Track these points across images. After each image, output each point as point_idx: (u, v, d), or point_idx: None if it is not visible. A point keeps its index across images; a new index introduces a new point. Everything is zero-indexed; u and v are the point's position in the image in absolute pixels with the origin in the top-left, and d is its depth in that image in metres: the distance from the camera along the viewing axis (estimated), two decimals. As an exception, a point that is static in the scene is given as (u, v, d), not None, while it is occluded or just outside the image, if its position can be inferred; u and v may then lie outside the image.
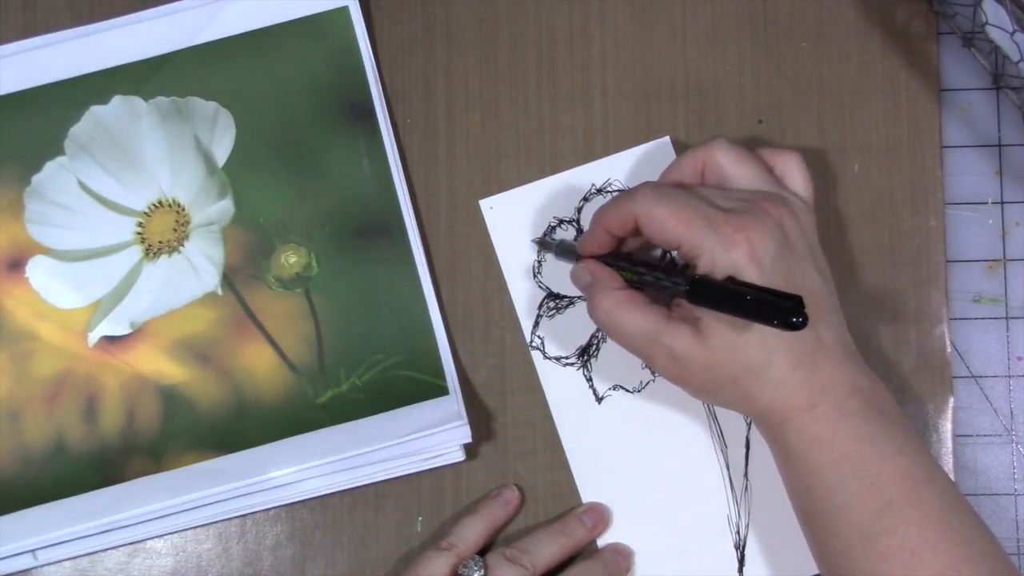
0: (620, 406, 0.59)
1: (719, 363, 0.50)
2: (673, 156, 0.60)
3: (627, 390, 0.60)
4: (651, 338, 0.51)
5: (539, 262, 0.60)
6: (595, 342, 0.60)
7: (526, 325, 0.60)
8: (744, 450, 0.59)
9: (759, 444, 0.59)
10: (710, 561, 0.58)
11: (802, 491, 0.51)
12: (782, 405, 0.51)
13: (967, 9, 0.59)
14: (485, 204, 0.60)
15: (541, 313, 0.60)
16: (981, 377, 0.60)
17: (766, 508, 0.59)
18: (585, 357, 0.60)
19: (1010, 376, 0.60)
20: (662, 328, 0.51)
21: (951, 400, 0.59)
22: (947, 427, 0.59)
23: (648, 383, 0.60)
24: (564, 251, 0.58)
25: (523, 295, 0.60)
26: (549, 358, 0.60)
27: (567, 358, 0.60)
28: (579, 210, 0.60)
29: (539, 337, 0.60)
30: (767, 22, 0.61)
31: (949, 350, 0.60)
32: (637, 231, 0.53)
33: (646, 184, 0.53)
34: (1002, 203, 0.61)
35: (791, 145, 0.60)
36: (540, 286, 0.60)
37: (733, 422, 0.59)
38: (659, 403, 0.59)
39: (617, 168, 0.60)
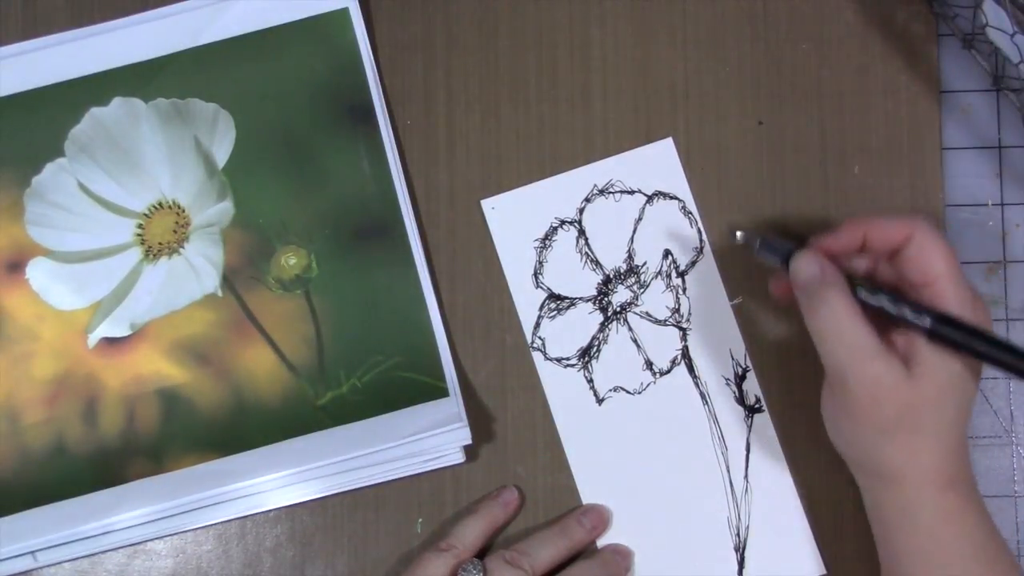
0: (621, 407, 0.59)
1: (918, 408, 0.50)
2: (675, 157, 0.60)
3: (627, 392, 0.60)
4: (865, 357, 0.50)
5: (540, 263, 0.60)
6: (596, 343, 0.60)
7: (527, 326, 0.60)
8: (744, 452, 0.59)
9: (759, 447, 0.59)
10: (710, 563, 0.58)
11: (915, 560, 0.51)
12: (935, 473, 0.50)
13: (967, 11, 0.59)
14: (487, 204, 0.60)
15: (542, 314, 0.60)
16: (981, 379, 0.60)
17: (766, 511, 0.59)
18: (586, 358, 0.60)
19: (1010, 378, 0.60)
20: (880, 353, 0.50)
21: (951, 402, 0.59)
22: (947, 429, 0.59)
23: (649, 385, 0.60)
24: (770, 247, 0.55)
25: (524, 296, 0.60)
26: (550, 359, 0.60)
27: (568, 359, 0.60)
28: (581, 211, 0.60)
29: (540, 338, 0.60)
30: (767, 23, 0.61)
31: (949, 352, 0.60)
32: (878, 253, 0.53)
33: (924, 215, 0.52)
34: (1002, 205, 0.61)
35: (790, 146, 0.60)
36: (541, 287, 0.60)
37: (733, 425, 0.59)
38: (659, 405, 0.59)
39: (619, 169, 0.60)
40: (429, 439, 0.58)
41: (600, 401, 0.60)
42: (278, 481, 0.58)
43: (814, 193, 0.60)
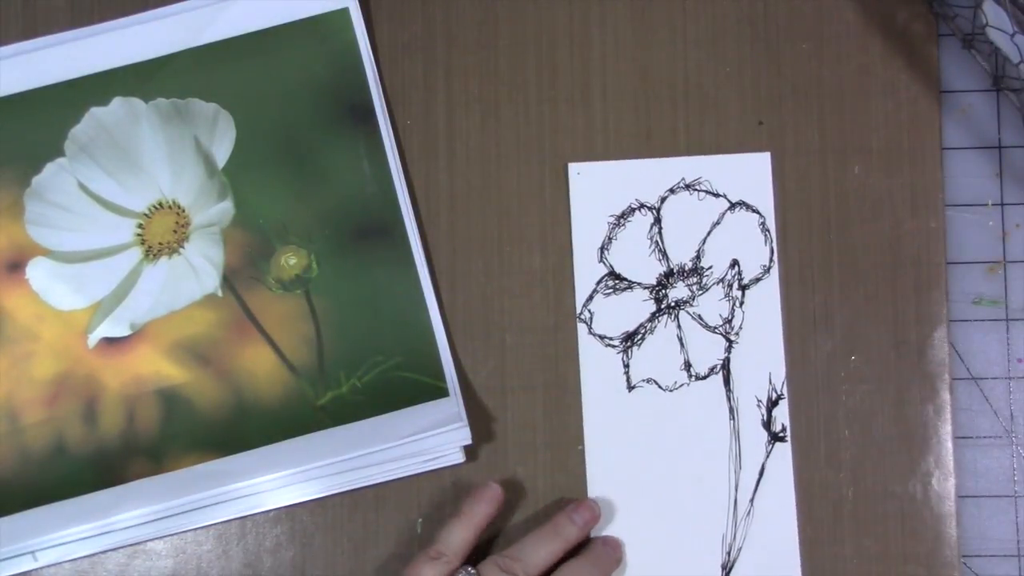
0: (649, 400, 0.59)
1: None
2: (768, 172, 0.60)
3: (660, 386, 0.60)
4: None
5: (610, 239, 0.60)
6: (642, 331, 0.60)
7: (580, 296, 0.60)
8: (757, 476, 0.59)
9: (773, 475, 0.59)
10: (695, 574, 0.58)
11: None
12: None
13: (967, 11, 0.59)
14: (573, 168, 0.60)
15: (598, 288, 0.60)
16: (981, 379, 0.60)
17: (762, 537, 0.59)
18: (628, 343, 0.60)
19: (1010, 378, 0.60)
20: None
21: (951, 402, 0.59)
22: (947, 429, 0.59)
23: (682, 385, 0.59)
24: None
25: (585, 267, 0.60)
26: (593, 334, 0.60)
27: (611, 339, 0.60)
28: (663, 199, 0.60)
29: (589, 311, 0.60)
30: (767, 23, 0.61)
31: (949, 352, 0.60)
32: None
33: None
34: (1002, 205, 0.61)
35: (790, 146, 0.60)
36: (604, 262, 0.60)
37: (754, 446, 0.59)
38: (687, 408, 0.59)
39: (710, 169, 0.60)
40: (429, 439, 0.58)
41: (631, 388, 0.60)
42: (278, 481, 0.58)
43: (814, 193, 0.60)
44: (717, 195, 0.60)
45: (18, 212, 0.59)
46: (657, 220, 0.60)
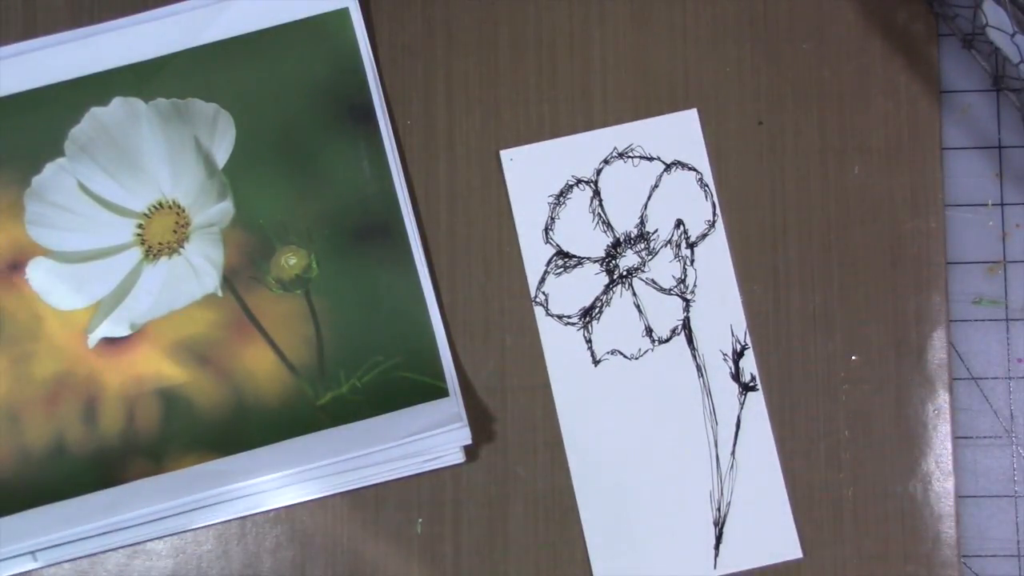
0: (616, 371, 0.60)
1: None
2: (698, 129, 0.60)
3: (625, 356, 0.60)
4: None
5: (552, 219, 0.60)
6: (598, 304, 0.60)
7: (532, 280, 0.60)
8: (734, 429, 0.59)
9: (749, 425, 0.59)
10: (688, 534, 0.59)
11: None
12: None
13: (967, 11, 0.59)
14: (506, 155, 0.60)
15: (548, 270, 0.60)
16: (981, 379, 0.60)
17: (749, 489, 0.59)
18: (587, 319, 0.60)
19: (1010, 378, 0.60)
20: None
21: (951, 402, 0.59)
22: (947, 429, 0.59)
23: (646, 352, 0.60)
24: None
25: (532, 250, 0.60)
26: (551, 315, 0.60)
27: (569, 317, 0.60)
28: (598, 172, 0.60)
29: (544, 293, 0.60)
30: (767, 23, 0.61)
31: (949, 352, 0.60)
32: None
33: None
34: (1002, 205, 0.61)
35: (790, 146, 0.61)
36: (550, 243, 0.60)
37: (726, 400, 0.59)
38: (655, 373, 0.60)
39: (640, 134, 0.60)
40: (429, 439, 0.58)
41: (596, 363, 0.60)
42: (278, 481, 0.58)
43: (814, 193, 0.60)
44: (651, 159, 0.60)
45: (18, 212, 0.59)
46: (596, 193, 0.60)
